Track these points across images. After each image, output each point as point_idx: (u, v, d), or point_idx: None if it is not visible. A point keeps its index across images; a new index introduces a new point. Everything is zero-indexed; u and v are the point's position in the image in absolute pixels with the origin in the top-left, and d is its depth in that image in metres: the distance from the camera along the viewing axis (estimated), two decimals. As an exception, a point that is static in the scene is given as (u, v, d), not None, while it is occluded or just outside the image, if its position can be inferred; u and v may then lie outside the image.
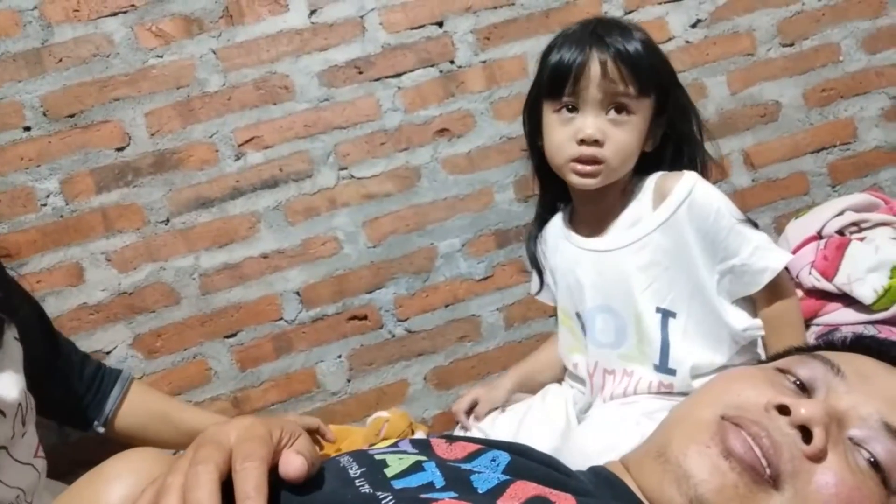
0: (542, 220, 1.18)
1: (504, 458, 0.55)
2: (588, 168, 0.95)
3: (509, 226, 1.54)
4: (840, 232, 1.26)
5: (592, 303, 1.07)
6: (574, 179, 0.98)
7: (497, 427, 1.15)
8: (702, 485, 0.50)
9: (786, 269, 0.99)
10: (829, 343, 0.67)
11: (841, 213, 1.28)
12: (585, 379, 1.11)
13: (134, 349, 1.43)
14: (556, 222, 1.15)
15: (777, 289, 0.99)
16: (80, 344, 1.38)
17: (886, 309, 1.16)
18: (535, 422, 1.12)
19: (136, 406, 1.11)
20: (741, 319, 0.99)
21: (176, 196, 1.44)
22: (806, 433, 0.50)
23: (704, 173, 1.03)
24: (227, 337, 1.47)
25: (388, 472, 0.52)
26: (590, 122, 0.92)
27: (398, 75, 1.50)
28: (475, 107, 1.52)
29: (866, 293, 1.15)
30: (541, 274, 1.20)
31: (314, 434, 1.24)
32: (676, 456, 0.52)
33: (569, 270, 1.11)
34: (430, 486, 0.50)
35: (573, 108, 0.94)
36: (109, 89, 1.41)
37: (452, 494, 0.49)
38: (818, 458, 0.50)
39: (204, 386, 1.46)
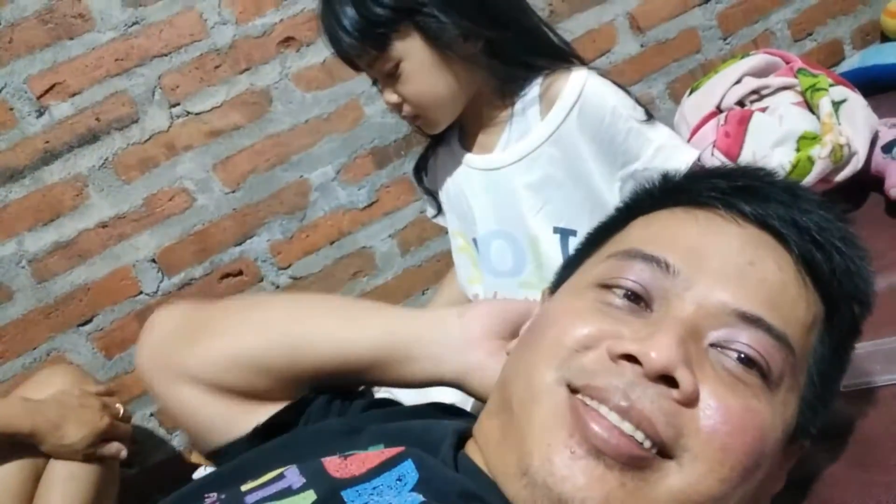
0: (429, 148, 1.05)
1: (412, 476, 0.45)
2: (416, 123, 0.93)
3: (386, 141, 1.36)
4: (740, 103, 1.15)
5: (485, 228, 0.98)
6: (418, 131, 0.95)
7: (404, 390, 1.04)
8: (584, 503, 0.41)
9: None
10: (638, 202, 0.57)
11: (739, 81, 1.16)
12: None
13: (-31, 362, 1.21)
14: (447, 143, 1.02)
15: None
16: None
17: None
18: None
19: None
20: None
21: (-28, 173, 1.17)
22: (668, 377, 0.42)
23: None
24: (82, 325, 1.26)
25: None
26: (385, 94, 0.90)
27: (218, -22, 1.23)
28: (321, 5, 1.27)
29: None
30: (435, 197, 1.07)
31: None
32: (543, 477, 0.42)
33: (459, 193, 1.01)
34: None
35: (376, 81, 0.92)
36: None
37: None
38: (694, 400, 0.42)
39: (69, 383, 1.27)
